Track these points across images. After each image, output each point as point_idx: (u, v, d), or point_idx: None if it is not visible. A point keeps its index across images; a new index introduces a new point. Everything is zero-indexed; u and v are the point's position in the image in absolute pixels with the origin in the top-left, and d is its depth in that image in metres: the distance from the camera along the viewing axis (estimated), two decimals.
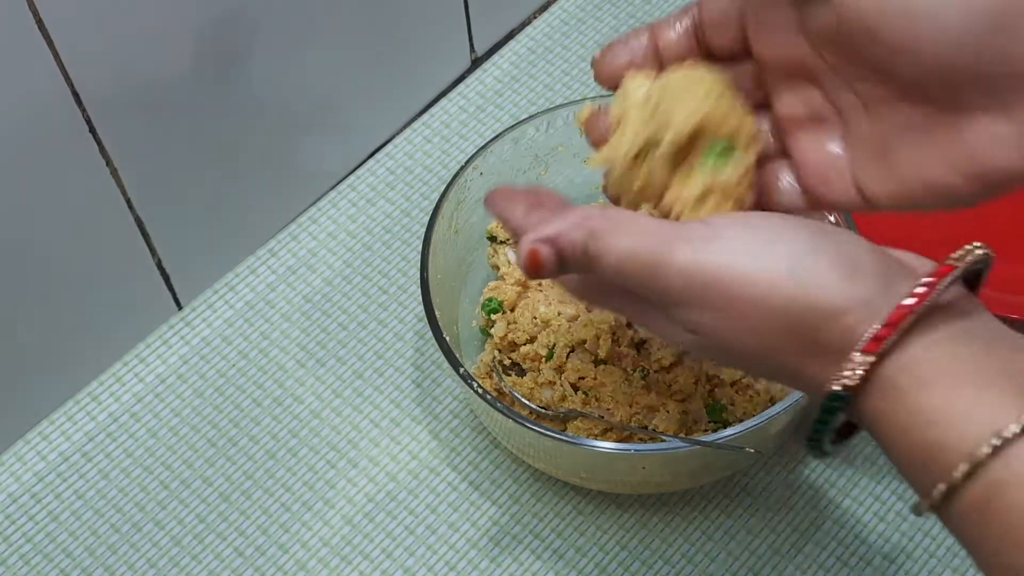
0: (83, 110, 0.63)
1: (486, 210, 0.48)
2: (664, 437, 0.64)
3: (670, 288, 0.41)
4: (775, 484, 0.70)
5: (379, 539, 0.69)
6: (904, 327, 0.38)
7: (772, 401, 0.67)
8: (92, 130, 0.64)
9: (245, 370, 0.75)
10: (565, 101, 0.79)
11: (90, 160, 0.65)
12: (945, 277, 0.38)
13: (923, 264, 0.41)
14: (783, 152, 0.47)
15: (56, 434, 0.73)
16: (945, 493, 0.37)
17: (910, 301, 0.38)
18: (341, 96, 0.79)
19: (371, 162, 0.84)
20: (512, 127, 0.72)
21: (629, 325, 0.69)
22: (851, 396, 0.39)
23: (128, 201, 0.69)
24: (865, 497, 0.69)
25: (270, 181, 0.78)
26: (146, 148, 0.68)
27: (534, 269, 0.43)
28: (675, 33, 0.47)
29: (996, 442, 0.35)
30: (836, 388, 0.39)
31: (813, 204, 0.46)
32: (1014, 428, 0.35)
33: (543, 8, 0.92)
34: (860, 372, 0.38)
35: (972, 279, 0.41)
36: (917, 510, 0.39)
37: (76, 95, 0.62)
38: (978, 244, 0.40)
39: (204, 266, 0.78)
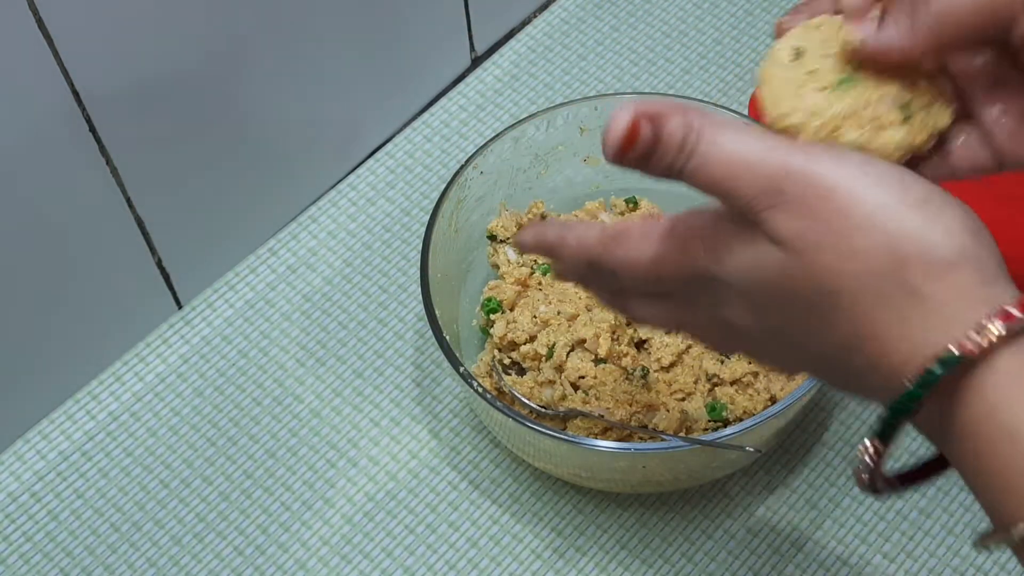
0: (83, 109, 0.63)
1: (521, 249, 0.46)
2: (664, 436, 0.64)
3: (776, 189, 0.36)
4: (775, 483, 0.70)
5: (379, 538, 0.69)
6: None
7: (772, 400, 0.67)
8: (92, 129, 0.64)
9: (245, 369, 0.75)
10: (565, 100, 0.79)
11: (90, 160, 0.65)
12: None
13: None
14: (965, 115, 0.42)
15: (56, 433, 0.73)
16: None
17: None
18: (341, 95, 0.79)
19: (371, 162, 0.84)
20: (512, 126, 0.72)
21: (629, 324, 0.69)
22: (962, 367, 0.33)
23: (128, 201, 0.69)
24: (866, 497, 0.69)
25: (270, 180, 0.78)
26: (146, 148, 0.68)
27: (627, 146, 0.37)
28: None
29: None
30: (951, 350, 0.33)
31: (1001, 162, 0.42)
32: None
33: (543, 7, 0.92)
34: (992, 337, 0.33)
35: None
36: (983, 543, 0.34)
37: (76, 94, 0.62)
38: None
39: (204, 265, 0.78)
